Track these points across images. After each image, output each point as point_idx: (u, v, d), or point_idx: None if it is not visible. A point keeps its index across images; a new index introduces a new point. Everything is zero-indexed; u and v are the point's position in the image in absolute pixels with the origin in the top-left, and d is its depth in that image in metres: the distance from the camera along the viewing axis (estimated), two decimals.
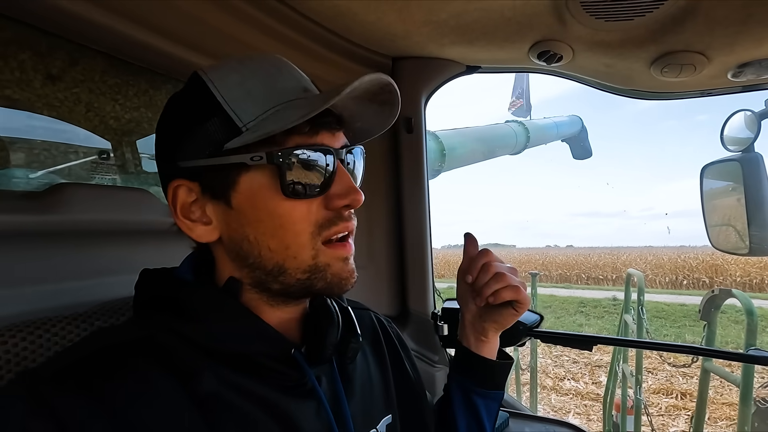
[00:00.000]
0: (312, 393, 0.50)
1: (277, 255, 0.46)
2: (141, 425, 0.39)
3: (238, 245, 0.47)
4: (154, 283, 0.50)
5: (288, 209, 0.46)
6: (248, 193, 0.46)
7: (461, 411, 0.70)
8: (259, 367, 0.47)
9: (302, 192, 0.46)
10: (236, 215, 0.46)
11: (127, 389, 0.40)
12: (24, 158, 0.73)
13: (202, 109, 0.46)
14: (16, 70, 0.71)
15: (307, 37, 1.03)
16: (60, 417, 0.36)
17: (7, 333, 0.44)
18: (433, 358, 1.36)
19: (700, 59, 1.00)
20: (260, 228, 0.46)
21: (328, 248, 0.48)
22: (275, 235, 0.46)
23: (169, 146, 0.48)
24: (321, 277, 0.48)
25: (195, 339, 0.45)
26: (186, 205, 0.47)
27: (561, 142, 6.37)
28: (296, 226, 0.46)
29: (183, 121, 0.47)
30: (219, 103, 0.45)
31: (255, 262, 0.47)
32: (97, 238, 0.70)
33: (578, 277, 19.60)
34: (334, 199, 0.48)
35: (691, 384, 5.46)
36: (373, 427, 0.58)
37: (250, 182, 0.45)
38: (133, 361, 0.42)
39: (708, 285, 15.96)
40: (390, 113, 0.53)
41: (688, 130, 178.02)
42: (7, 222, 0.59)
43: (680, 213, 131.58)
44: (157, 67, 0.91)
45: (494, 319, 0.69)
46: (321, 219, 0.47)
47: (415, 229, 1.36)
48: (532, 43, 1.06)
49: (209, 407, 0.42)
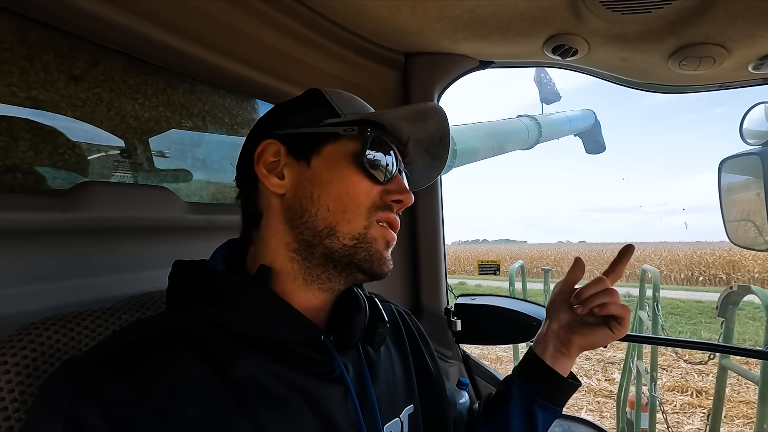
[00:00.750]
0: (340, 379, 0.51)
1: (332, 216, 0.51)
2: (181, 412, 0.40)
3: (299, 200, 0.52)
4: (187, 273, 0.52)
5: (357, 180, 0.53)
6: (329, 158, 0.53)
7: (518, 414, 0.69)
8: (290, 353, 0.48)
9: (372, 170, 0.53)
10: (311, 174, 0.53)
11: (167, 377, 0.41)
12: (49, 157, 0.75)
13: (312, 102, 0.57)
14: (41, 71, 0.72)
15: (320, 34, 1.03)
16: (104, 404, 0.38)
17: (41, 326, 0.46)
18: (446, 353, 1.36)
19: (720, 51, 0.98)
20: (327, 189, 0.52)
21: (379, 226, 0.53)
22: (338, 198, 0.52)
23: (271, 120, 0.58)
24: (366, 248, 0.52)
25: (229, 326, 0.46)
26: (268, 161, 0.54)
27: (574, 136, 6.29)
28: (359, 197, 0.52)
29: (293, 106, 0.57)
30: (327, 100, 0.56)
31: (308, 221, 0.51)
32: (119, 234, 0.72)
33: (591, 273, 19.08)
34: (391, 192, 0.54)
35: (706, 381, 5.38)
36: (396, 416, 0.60)
37: (334, 150, 0.53)
38: (171, 350, 0.43)
39: (725, 281, 15.66)
40: (437, 169, 0.65)
41: (705, 123, 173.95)
42: (33, 219, 0.61)
43: (697, 208, 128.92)
44: (174, 66, 0.92)
45: (585, 333, 0.68)
46: (378, 202, 0.54)
47: (428, 225, 1.36)
48: (546, 37, 1.05)
49: (244, 392, 0.44)
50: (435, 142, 0.61)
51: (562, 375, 0.69)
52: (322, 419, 0.48)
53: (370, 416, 0.53)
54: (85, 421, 0.37)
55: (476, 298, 1.36)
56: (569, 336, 0.69)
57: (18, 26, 0.69)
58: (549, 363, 0.69)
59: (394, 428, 0.59)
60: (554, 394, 0.69)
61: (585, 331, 0.68)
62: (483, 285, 12.55)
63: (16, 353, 0.44)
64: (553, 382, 0.69)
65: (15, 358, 0.43)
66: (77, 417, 0.37)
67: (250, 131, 0.59)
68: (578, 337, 0.68)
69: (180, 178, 1.00)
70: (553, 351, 0.70)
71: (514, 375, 0.73)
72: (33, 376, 0.44)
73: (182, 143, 0.99)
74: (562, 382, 0.69)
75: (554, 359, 0.70)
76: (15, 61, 0.69)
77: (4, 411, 0.42)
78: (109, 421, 0.37)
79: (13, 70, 0.69)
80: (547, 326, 0.72)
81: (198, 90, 1.01)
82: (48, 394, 0.39)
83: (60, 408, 0.37)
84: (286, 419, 0.46)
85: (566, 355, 0.69)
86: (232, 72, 0.94)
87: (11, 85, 0.69)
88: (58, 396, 0.38)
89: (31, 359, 0.44)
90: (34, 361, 0.44)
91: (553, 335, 0.70)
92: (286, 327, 0.49)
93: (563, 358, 0.70)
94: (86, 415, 0.37)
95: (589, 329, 0.68)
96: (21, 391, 0.43)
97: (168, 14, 0.78)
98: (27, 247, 0.61)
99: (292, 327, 0.49)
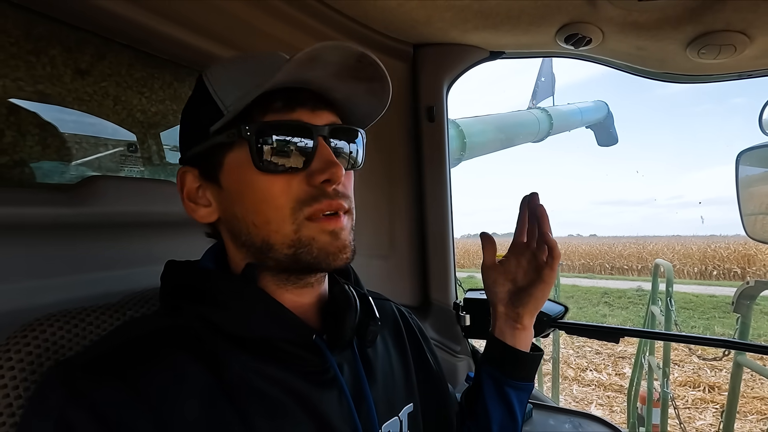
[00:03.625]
0: (334, 380, 0.50)
1: (261, 230, 0.47)
2: (177, 413, 0.40)
3: (230, 224, 0.50)
4: (177, 274, 0.51)
5: (267, 184, 0.46)
6: (232, 171, 0.48)
7: (494, 401, 0.70)
8: (282, 353, 0.47)
9: (277, 166, 0.46)
10: (226, 194, 0.49)
11: (162, 378, 0.41)
12: (56, 151, 0.75)
13: (197, 101, 0.51)
14: (48, 65, 0.72)
15: (327, 25, 1.02)
16: (96, 407, 0.37)
17: (45, 322, 0.46)
18: (455, 348, 1.36)
19: (741, 39, 0.95)
20: (245, 204, 0.47)
21: (312, 222, 0.47)
22: (258, 211, 0.47)
23: (180, 139, 0.54)
24: (307, 251, 0.47)
25: (221, 325, 0.46)
26: (192, 191, 0.51)
27: (586, 128, 6.20)
28: (276, 201, 0.46)
29: (185, 115, 0.53)
30: (209, 92, 0.48)
31: (246, 240, 0.49)
32: (127, 229, 0.72)
33: (602, 266, 19.18)
34: (314, 175, 0.47)
35: (719, 377, 5.31)
36: (395, 415, 0.59)
37: (233, 160, 0.47)
38: (165, 350, 0.43)
39: (740, 276, 15.39)
40: (382, 91, 0.51)
41: (723, 114, 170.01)
42: (41, 214, 0.61)
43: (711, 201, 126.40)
44: (180, 59, 0.92)
45: (526, 298, 0.68)
46: (303, 195, 0.47)
47: (437, 219, 1.34)
48: (559, 26, 1.02)
49: (238, 394, 0.43)
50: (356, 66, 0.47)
51: (524, 351, 0.70)
52: (317, 422, 0.47)
53: (366, 416, 0.52)
54: (75, 424, 0.36)
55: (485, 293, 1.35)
56: (516, 310, 0.69)
57: (24, 20, 0.69)
58: (510, 342, 0.70)
59: (393, 427, 0.58)
60: (520, 371, 0.70)
61: (525, 297, 0.68)
62: None
63: (20, 350, 0.44)
64: (517, 360, 0.70)
65: (19, 354, 0.43)
66: (68, 421, 0.37)
67: None
68: (523, 306, 0.69)
69: None
70: (510, 330, 0.70)
71: (481, 362, 0.74)
72: (37, 372, 0.44)
73: None
74: (526, 357, 0.70)
75: (513, 337, 0.70)
76: (21, 56, 0.69)
77: (9, 408, 0.42)
78: (100, 425, 0.37)
79: (19, 64, 0.69)
80: (495, 310, 0.72)
81: None
82: (40, 397, 0.39)
83: (51, 411, 0.37)
84: (279, 421, 0.45)
85: (521, 329, 0.70)
86: None
87: (18, 80, 0.69)
88: (49, 399, 0.38)
89: (36, 356, 0.44)
90: (38, 358, 0.44)
91: (503, 316, 0.71)
92: (277, 327, 0.47)
93: (519, 332, 0.70)
94: (77, 418, 0.37)
95: (527, 292, 0.68)
96: (25, 387, 0.43)
97: (173, 7, 0.77)
98: (36, 241, 0.61)
99: (282, 327, 0.48)
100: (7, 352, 0.43)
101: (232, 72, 0.50)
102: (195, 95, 0.52)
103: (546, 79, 5.98)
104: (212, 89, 0.48)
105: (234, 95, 0.47)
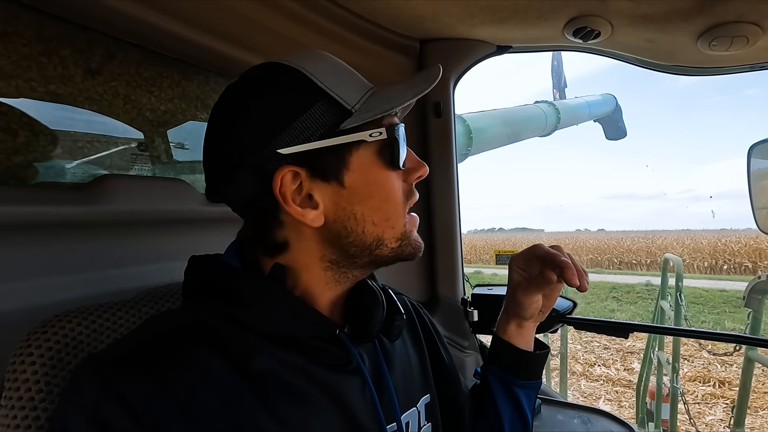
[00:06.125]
0: (357, 370, 0.51)
1: (378, 228, 0.49)
2: (205, 408, 0.41)
3: (341, 223, 0.49)
4: (202, 270, 0.51)
5: (391, 181, 0.50)
6: (361, 169, 0.48)
7: (503, 400, 0.70)
8: (308, 348, 0.48)
9: (399, 163, 0.50)
10: (348, 194, 0.48)
11: (189, 374, 0.41)
12: (69, 151, 0.76)
13: (303, 96, 0.47)
14: (59, 65, 0.73)
15: (333, 22, 1.02)
16: (128, 402, 0.38)
17: (64, 318, 0.47)
18: (462, 343, 1.36)
19: (753, 30, 0.93)
20: (369, 203, 0.49)
21: (410, 216, 0.53)
22: (380, 209, 0.49)
23: (261, 136, 0.47)
24: (408, 243, 0.52)
25: (247, 323, 0.46)
26: (291, 191, 0.47)
27: (594, 122, 6.13)
28: (396, 197, 0.50)
29: (280, 109, 0.47)
30: (321, 88, 0.47)
31: (355, 240, 0.49)
32: (138, 227, 0.73)
33: (610, 261, 19.04)
34: (411, 172, 0.52)
35: (730, 372, 5.26)
36: (413, 406, 0.60)
37: (361, 159, 0.48)
38: (189, 345, 0.43)
39: (751, 270, 15.19)
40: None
41: (735, 105, 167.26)
42: (55, 213, 0.62)
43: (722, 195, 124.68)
44: (188, 58, 0.92)
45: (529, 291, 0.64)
46: (405, 190, 0.52)
47: (445, 214, 1.34)
48: (567, 19, 1.01)
49: (263, 385, 0.44)
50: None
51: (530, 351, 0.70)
52: (341, 410, 0.49)
53: (388, 406, 0.53)
54: (109, 418, 0.37)
55: (493, 288, 1.35)
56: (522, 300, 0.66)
57: (35, 21, 0.70)
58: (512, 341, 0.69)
59: (411, 417, 0.59)
60: (528, 371, 0.70)
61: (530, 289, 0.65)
62: (499, 274, 12.47)
63: (41, 345, 0.44)
64: (522, 361, 0.70)
65: (40, 349, 0.44)
66: (102, 414, 0.37)
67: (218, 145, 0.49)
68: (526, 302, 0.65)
69: (197, 170, 1.00)
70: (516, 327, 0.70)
71: (488, 362, 0.73)
72: (57, 367, 0.45)
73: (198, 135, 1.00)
74: (532, 356, 0.70)
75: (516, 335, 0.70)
76: (33, 57, 0.70)
77: (31, 401, 0.43)
78: (133, 419, 0.38)
79: (31, 65, 0.70)
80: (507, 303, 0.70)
81: (212, 81, 1.01)
82: (75, 388, 0.40)
83: (86, 403, 0.38)
84: (306, 411, 0.46)
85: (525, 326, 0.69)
86: (244, 62, 0.94)
87: (30, 80, 0.70)
88: (84, 391, 0.39)
89: (56, 351, 0.45)
90: (58, 353, 0.45)
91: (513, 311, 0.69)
92: (302, 325, 0.48)
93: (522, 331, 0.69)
94: (110, 412, 0.37)
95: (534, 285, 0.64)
96: (46, 382, 0.44)
97: (182, 6, 0.77)
98: (50, 240, 0.62)
99: (308, 325, 0.49)
100: (28, 347, 0.44)
101: (335, 71, 0.49)
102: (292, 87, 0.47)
103: (559, 73, 5.92)
104: (323, 84, 0.47)
105: (352, 95, 0.48)
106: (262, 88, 0.48)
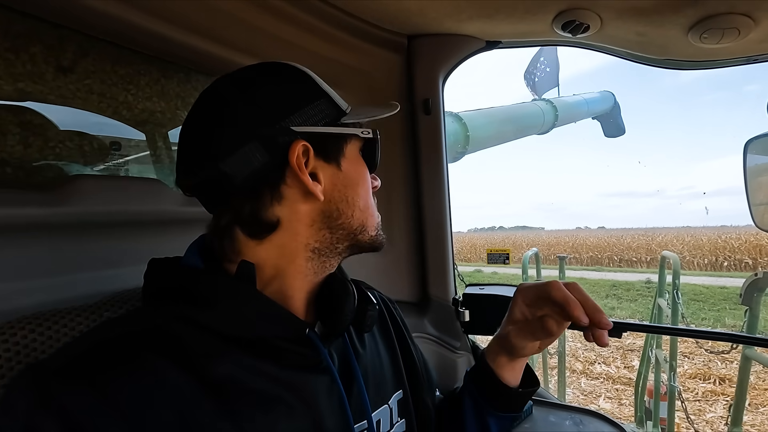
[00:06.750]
0: (326, 370, 0.51)
1: (362, 214, 0.55)
2: (153, 420, 0.39)
3: (335, 205, 0.52)
4: (163, 273, 0.50)
5: (367, 176, 0.57)
6: (353, 159, 0.55)
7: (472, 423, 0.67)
8: (274, 349, 0.47)
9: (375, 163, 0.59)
10: (343, 177, 0.53)
11: (137, 384, 0.39)
12: (38, 150, 0.74)
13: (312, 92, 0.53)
14: (28, 63, 0.71)
15: (318, 18, 1.00)
16: (66, 413, 0.36)
17: (17, 325, 0.45)
18: (454, 344, 1.34)
19: (745, 22, 0.91)
20: (357, 190, 0.54)
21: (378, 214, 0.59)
22: (363, 197, 0.55)
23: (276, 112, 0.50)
24: (381, 234, 0.58)
25: (211, 325, 0.44)
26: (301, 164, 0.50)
27: (592, 119, 6.11)
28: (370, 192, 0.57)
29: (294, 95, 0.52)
30: (323, 89, 0.54)
31: (344, 223, 0.53)
32: (110, 228, 0.71)
33: (610, 259, 19.02)
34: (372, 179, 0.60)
35: (730, 369, 5.24)
36: (385, 403, 0.59)
37: (353, 151, 0.55)
38: (141, 353, 0.41)
39: (751, 266, 15.18)
40: None
41: (735, 101, 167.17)
42: (20, 215, 0.60)
43: (722, 191, 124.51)
44: (168, 55, 0.90)
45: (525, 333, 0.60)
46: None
47: (435, 213, 1.32)
48: (556, 13, 0.99)
49: (225, 392, 0.42)
50: None
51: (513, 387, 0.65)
52: (309, 412, 0.48)
53: (358, 404, 0.53)
54: (42, 430, 0.35)
55: (485, 288, 1.33)
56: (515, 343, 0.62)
57: (1, 19, 0.68)
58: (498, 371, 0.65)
59: (383, 415, 0.58)
60: (508, 405, 0.66)
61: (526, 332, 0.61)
62: (499, 273, 12.46)
63: None
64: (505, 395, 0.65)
65: None
66: (35, 426, 0.35)
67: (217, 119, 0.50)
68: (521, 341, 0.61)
69: None
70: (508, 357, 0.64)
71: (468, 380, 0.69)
72: (6, 377, 0.43)
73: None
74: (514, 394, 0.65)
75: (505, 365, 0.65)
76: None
77: None
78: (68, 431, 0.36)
79: None
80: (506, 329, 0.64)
81: (193, 79, 0.99)
82: (7, 403, 0.38)
83: (18, 416, 0.36)
84: (272, 419, 0.45)
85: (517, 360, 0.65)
86: (227, 60, 0.92)
87: None
88: (17, 405, 0.37)
89: (5, 359, 0.43)
90: (8, 362, 0.43)
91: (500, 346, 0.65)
92: (269, 325, 0.47)
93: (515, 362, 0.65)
94: (44, 424, 0.35)
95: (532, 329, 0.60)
96: None
97: (157, 3, 0.75)
98: (14, 243, 0.60)
99: (276, 325, 0.47)
100: None
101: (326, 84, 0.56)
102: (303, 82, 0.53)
103: (550, 69, 5.90)
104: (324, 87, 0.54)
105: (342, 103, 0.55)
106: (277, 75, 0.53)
